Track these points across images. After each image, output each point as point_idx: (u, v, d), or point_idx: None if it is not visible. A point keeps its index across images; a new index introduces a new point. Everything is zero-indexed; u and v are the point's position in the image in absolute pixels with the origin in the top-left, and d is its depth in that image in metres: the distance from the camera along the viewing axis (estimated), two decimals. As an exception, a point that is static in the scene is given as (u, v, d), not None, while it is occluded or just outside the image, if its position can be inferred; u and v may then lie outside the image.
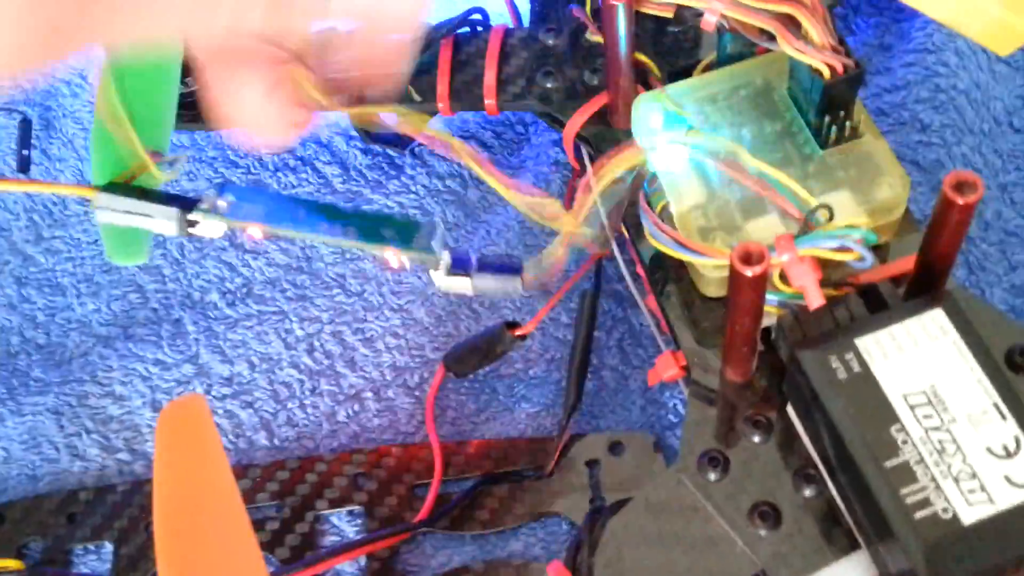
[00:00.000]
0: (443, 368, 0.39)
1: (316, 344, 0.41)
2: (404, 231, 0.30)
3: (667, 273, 0.36)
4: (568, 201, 0.42)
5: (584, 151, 0.40)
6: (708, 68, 0.38)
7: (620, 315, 0.41)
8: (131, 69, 0.37)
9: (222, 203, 0.29)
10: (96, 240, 0.45)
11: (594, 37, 0.39)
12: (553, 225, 0.33)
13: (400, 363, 0.41)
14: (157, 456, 0.29)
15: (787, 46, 0.32)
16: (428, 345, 0.41)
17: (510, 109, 0.40)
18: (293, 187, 0.45)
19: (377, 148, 0.45)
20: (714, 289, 0.34)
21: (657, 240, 0.32)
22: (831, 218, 0.29)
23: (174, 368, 0.41)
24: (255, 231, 0.28)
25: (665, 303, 0.36)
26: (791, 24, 0.33)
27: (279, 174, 0.46)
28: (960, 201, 0.27)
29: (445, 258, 0.31)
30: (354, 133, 0.46)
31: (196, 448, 0.29)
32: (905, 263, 0.33)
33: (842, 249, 0.29)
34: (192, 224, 0.28)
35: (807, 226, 0.31)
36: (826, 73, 0.32)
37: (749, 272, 0.27)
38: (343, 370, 0.41)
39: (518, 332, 0.36)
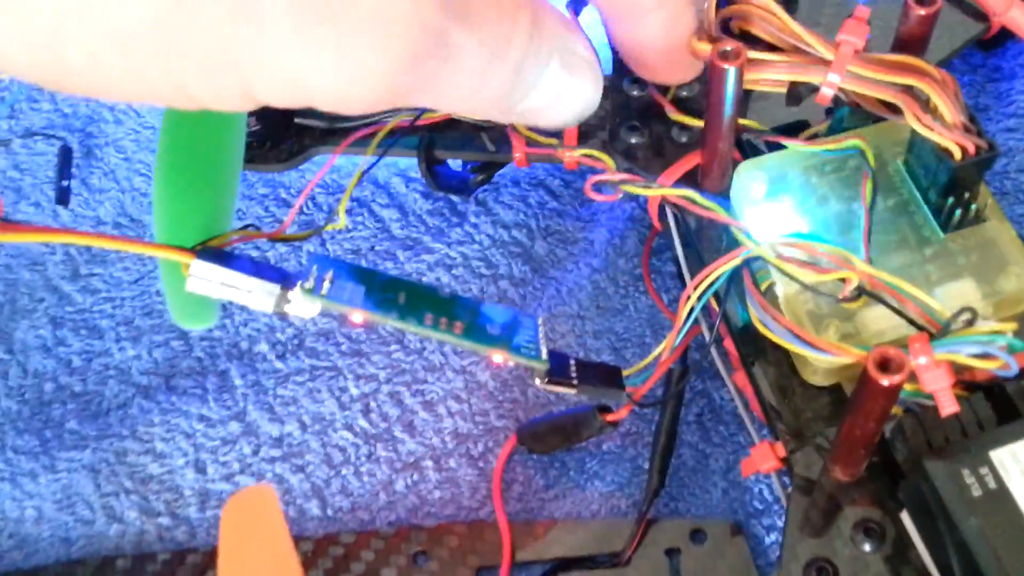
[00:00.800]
0: (514, 440, 0.37)
1: (372, 405, 0.39)
2: (508, 326, 0.29)
3: (761, 352, 0.33)
4: (646, 263, 0.40)
5: (669, 211, 0.37)
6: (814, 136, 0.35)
7: (700, 387, 0.38)
8: (194, 126, 0.34)
9: (326, 282, 0.27)
10: (137, 279, 0.43)
11: (673, 115, 0.37)
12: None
13: (463, 429, 0.38)
14: (222, 551, 0.27)
15: (916, 123, 0.29)
16: (493, 411, 0.38)
17: (590, 164, 0.38)
18: (348, 230, 0.43)
19: (439, 193, 0.43)
20: (820, 378, 0.32)
21: (768, 328, 0.30)
22: (972, 322, 0.27)
23: (219, 425, 0.39)
24: (357, 317, 0.26)
25: (759, 385, 0.33)
26: (918, 97, 0.30)
27: (335, 215, 0.43)
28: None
29: (544, 361, 0.29)
30: (414, 175, 0.44)
31: (264, 545, 0.27)
32: (1029, 358, 0.30)
33: (985, 356, 0.26)
34: (287, 302, 0.26)
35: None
36: (956, 154, 0.29)
37: (886, 382, 0.25)
38: (401, 435, 0.38)
39: (610, 418, 0.34)
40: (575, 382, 0.31)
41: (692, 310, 0.32)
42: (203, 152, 0.34)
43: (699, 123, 0.36)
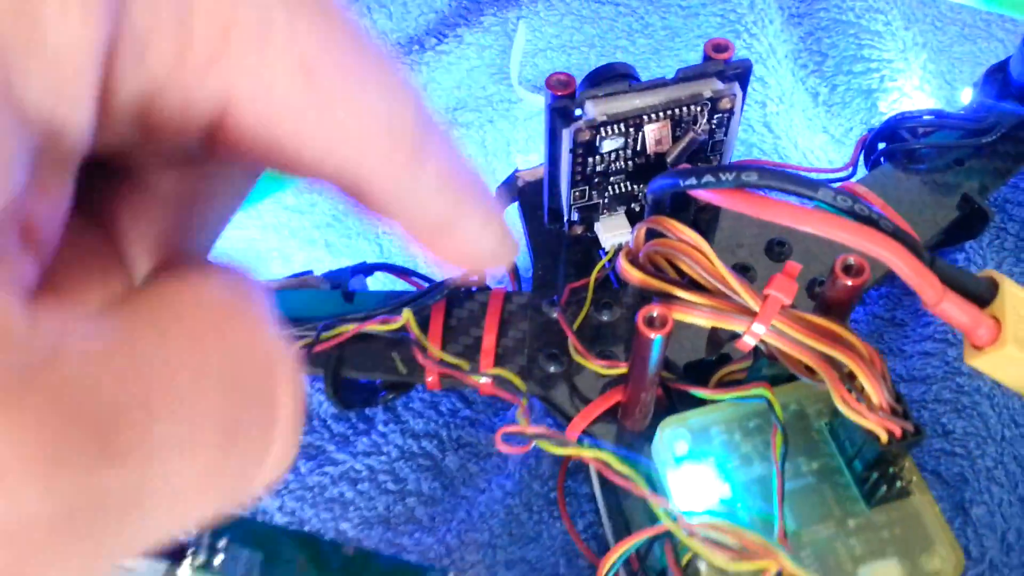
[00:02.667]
0: None
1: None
2: None
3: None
4: (561, 487, 0.38)
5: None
6: (725, 377, 0.34)
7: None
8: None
9: (219, 554, 0.25)
10: None
11: (578, 358, 0.35)
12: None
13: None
14: None
15: (843, 405, 0.29)
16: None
17: (502, 395, 0.36)
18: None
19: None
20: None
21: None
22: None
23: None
24: None
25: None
26: (843, 369, 0.30)
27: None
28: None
29: None
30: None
31: None
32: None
33: None
34: None
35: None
36: (883, 437, 0.29)
37: None
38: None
39: None
40: None
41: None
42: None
43: (611, 372, 0.35)
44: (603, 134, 0.34)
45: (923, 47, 0.50)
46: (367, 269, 0.39)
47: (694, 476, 0.31)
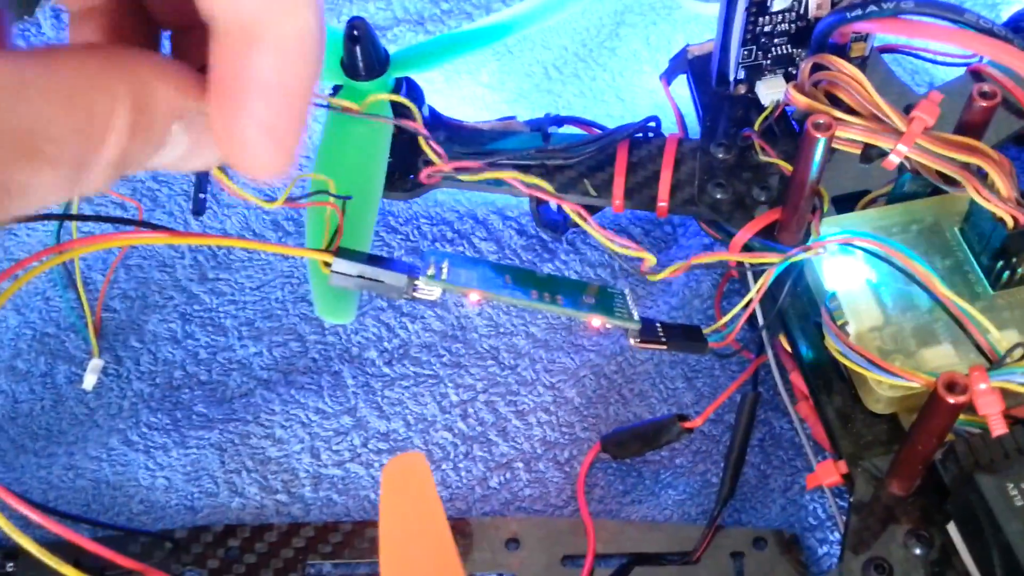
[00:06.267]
0: (598, 448, 0.41)
1: (470, 411, 0.44)
2: (601, 298, 0.34)
3: (827, 384, 0.39)
4: (718, 304, 0.45)
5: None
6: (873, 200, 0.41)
7: (762, 417, 0.43)
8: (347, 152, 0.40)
9: (444, 270, 0.31)
10: (259, 286, 0.48)
11: (763, 157, 0.42)
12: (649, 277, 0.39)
13: (551, 438, 0.43)
14: (383, 505, 0.32)
15: (976, 194, 0.35)
16: (578, 424, 0.43)
17: (679, 213, 0.43)
18: (450, 258, 0.48)
19: (531, 231, 0.48)
20: (881, 406, 0.37)
21: (846, 357, 0.35)
22: (1022, 357, 0.32)
23: (333, 418, 0.44)
24: (474, 295, 0.31)
25: (825, 413, 0.38)
26: (976, 173, 0.36)
27: (436, 245, 0.48)
28: None
29: (637, 321, 0.34)
30: (509, 214, 0.49)
31: (417, 500, 0.32)
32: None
33: (1033, 386, 0.32)
34: (415, 288, 0.30)
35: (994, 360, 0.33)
36: (1010, 223, 0.35)
37: (952, 400, 0.30)
38: (495, 438, 0.43)
39: (687, 425, 0.39)
40: (664, 340, 0.36)
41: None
42: (353, 175, 0.40)
43: (787, 166, 0.41)
44: (775, -7, 0.41)
45: (1045, -31, 0.56)
46: (559, 120, 0.47)
47: (845, 265, 0.38)
